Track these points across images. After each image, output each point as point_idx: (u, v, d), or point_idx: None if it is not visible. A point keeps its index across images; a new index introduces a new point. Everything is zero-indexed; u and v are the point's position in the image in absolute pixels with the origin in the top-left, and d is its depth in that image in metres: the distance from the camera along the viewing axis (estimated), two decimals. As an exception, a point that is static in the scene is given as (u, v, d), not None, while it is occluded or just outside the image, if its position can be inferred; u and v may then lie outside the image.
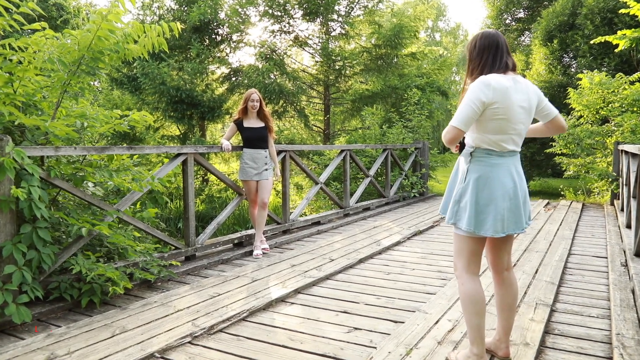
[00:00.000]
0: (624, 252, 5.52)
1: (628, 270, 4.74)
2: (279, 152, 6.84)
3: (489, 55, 2.59)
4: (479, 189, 2.61)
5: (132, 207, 5.16)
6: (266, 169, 5.81)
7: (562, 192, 12.79)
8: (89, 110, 4.41)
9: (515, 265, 5.02)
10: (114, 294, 4.03)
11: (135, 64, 13.07)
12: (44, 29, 4.05)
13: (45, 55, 3.95)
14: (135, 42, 4.34)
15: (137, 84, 13.50)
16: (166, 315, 3.65)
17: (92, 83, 5.21)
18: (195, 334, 3.30)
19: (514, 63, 2.63)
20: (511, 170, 2.62)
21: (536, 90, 2.67)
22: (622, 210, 7.91)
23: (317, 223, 7.71)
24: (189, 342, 3.23)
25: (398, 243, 6.33)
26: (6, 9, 3.74)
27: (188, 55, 14.22)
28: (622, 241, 6.12)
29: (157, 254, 4.91)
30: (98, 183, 4.69)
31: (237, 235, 6.18)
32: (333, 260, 5.33)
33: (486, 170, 2.60)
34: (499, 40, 2.60)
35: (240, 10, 14.02)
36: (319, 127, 15.82)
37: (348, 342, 3.24)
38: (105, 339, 3.21)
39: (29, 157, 3.60)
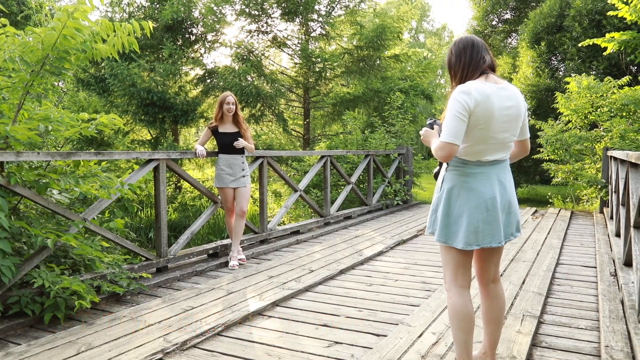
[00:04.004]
0: (613, 261, 5.61)
1: (617, 280, 4.82)
2: (256, 158, 6.85)
3: (466, 55, 2.62)
4: (452, 199, 2.63)
5: (100, 216, 5.11)
6: (243, 176, 5.79)
7: (550, 200, 12.98)
8: (53, 113, 4.36)
9: (501, 275, 5.08)
10: (79, 309, 3.97)
11: (103, 64, 12.97)
12: (4, 25, 4.00)
13: (5, 54, 3.90)
14: (104, 41, 4.31)
15: (105, 86, 13.38)
16: (136, 331, 3.61)
17: (56, 84, 5.16)
18: (167, 350, 3.27)
19: (492, 61, 2.65)
20: (492, 180, 2.62)
21: (524, 102, 2.70)
22: (612, 218, 8.05)
23: (296, 232, 7.71)
24: (160, 359, 3.20)
25: (380, 253, 6.36)
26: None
27: (160, 56, 14.16)
28: (611, 250, 6.23)
29: (127, 265, 4.87)
30: (63, 190, 4.63)
31: (212, 245, 6.15)
32: (313, 271, 5.33)
33: (461, 180, 2.62)
34: (473, 40, 2.65)
35: (215, 8, 14.00)
36: (299, 132, 15.85)
37: (328, 356, 3.24)
38: (69, 357, 3.16)
39: (-13, 162, 3.54)
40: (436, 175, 2.84)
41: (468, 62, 2.61)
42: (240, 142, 5.75)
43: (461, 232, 2.59)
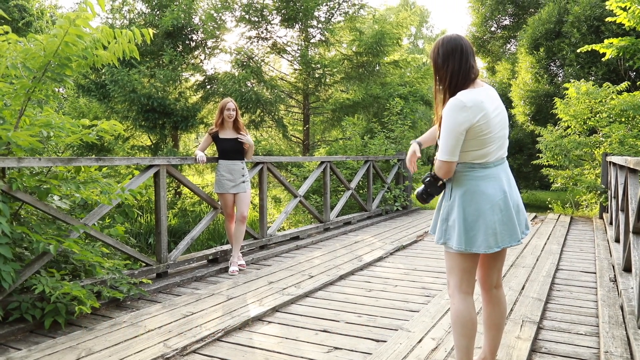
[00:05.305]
0: (613, 267, 5.62)
1: (617, 286, 4.83)
2: (255, 164, 6.86)
3: (454, 61, 2.57)
4: (466, 205, 2.60)
5: (101, 221, 5.11)
6: (243, 181, 5.81)
7: (549, 205, 12.99)
8: (54, 119, 4.38)
9: (501, 281, 5.08)
10: (80, 314, 3.98)
11: (104, 70, 13.00)
12: (6, 32, 4.02)
13: (8, 60, 3.92)
14: (105, 48, 4.33)
15: (105, 92, 13.41)
16: (136, 336, 3.61)
17: (57, 90, 5.17)
18: (167, 356, 3.28)
19: (477, 69, 2.63)
20: (500, 180, 2.62)
21: None
22: (611, 223, 8.06)
23: (296, 238, 7.71)
24: (160, 365, 3.20)
25: (380, 259, 6.36)
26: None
27: (160, 62, 14.19)
28: (611, 256, 6.23)
29: (127, 271, 4.87)
30: (64, 196, 4.64)
31: (212, 251, 6.15)
32: (312, 276, 5.34)
33: (471, 184, 2.60)
34: (462, 43, 2.59)
35: (215, 15, 14.06)
36: (298, 138, 15.87)
37: (328, 362, 3.25)
38: (70, 362, 3.17)
39: (-11, 168, 3.55)
40: (425, 181, 2.71)
41: (457, 71, 2.56)
42: (243, 138, 5.78)
43: (480, 236, 2.57)
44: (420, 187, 2.79)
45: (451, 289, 2.74)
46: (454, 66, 2.56)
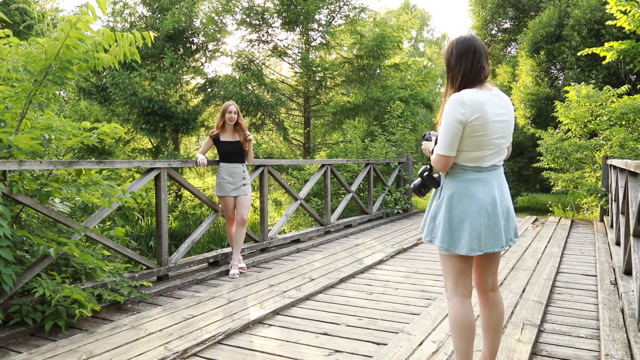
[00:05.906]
0: (614, 270, 5.62)
1: (617, 289, 4.83)
2: (256, 167, 6.87)
3: (467, 61, 2.59)
4: (453, 206, 2.62)
5: (101, 224, 5.12)
6: (244, 184, 5.81)
7: (550, 208, 12.98)
8: (55, 122, 4.39)
9: (502, 284, 5.08)
10: (80, 317, 3.98)
11: (104, 74, 13.02)
12: (7, 36, 4.03)
13: (9, 63, 3.93)
14: (106, 51, 4.34)
15: (106, 95, 13.44)
16: (137, 339, 3.62)
17: (57, 93, 5.19)
18: (168, 359, 3.27)
19: (487, 70, 2.64)
20: (491, 185, 2.63)
21: (512, 108, 2.72)
22: (612, 226, 8.05)
23: (297, 241, 7.71)
24: (161, 368, 3.20)
25: (381, 261, 6.36)
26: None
27: (161, 65, 14.22)
28: (611, 259, 6.23)
29: (128, 274, 4.87)
30: (65, 199, 4.65)
31: (213, 253, 6.15)
32: (313, 279, 5.34)
33: (461, 186, 2.62)
34: (475, 44, 2.60)
35: (216, 18, 14.08)
36: (299, 141, 15.88)
37: (329, 365, 3.24)
38: (70, 365, 3.17)
39: (-10, 171, 3.56)
40: (422, 174, 2.80)
41: (468, 71, 2.58)
42: (249, 135, 5.82)
43: (464, 238, 2.59)
44: (417, 180, 2.81)
45: (448, 292, 2.75)
46: (466, 66, 2.58)
